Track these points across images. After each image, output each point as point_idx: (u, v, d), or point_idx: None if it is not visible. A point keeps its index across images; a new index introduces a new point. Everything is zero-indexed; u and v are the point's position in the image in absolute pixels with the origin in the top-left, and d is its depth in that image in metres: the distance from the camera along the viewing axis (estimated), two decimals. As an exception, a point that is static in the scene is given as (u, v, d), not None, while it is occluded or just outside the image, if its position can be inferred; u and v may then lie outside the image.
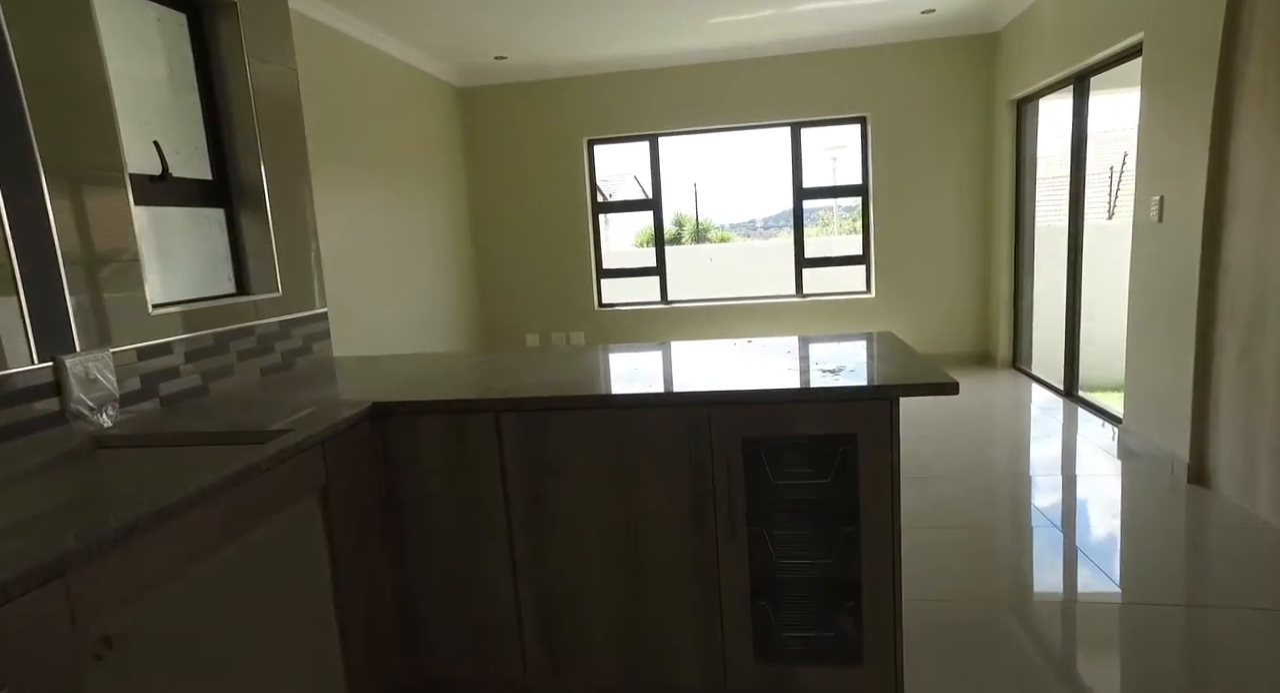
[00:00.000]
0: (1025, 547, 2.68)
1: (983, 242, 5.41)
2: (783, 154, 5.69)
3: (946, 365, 5.55)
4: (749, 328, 5.81)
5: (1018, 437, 4.02)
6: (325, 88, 3.95)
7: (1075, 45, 3.90)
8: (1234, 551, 2.51)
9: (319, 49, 3.92)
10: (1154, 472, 3.18)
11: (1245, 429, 2.73)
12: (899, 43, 5.23)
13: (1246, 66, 2.66)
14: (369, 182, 4.45)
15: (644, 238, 18.27)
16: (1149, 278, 3.27)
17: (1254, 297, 2.66)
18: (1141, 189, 3.29)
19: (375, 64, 4.56)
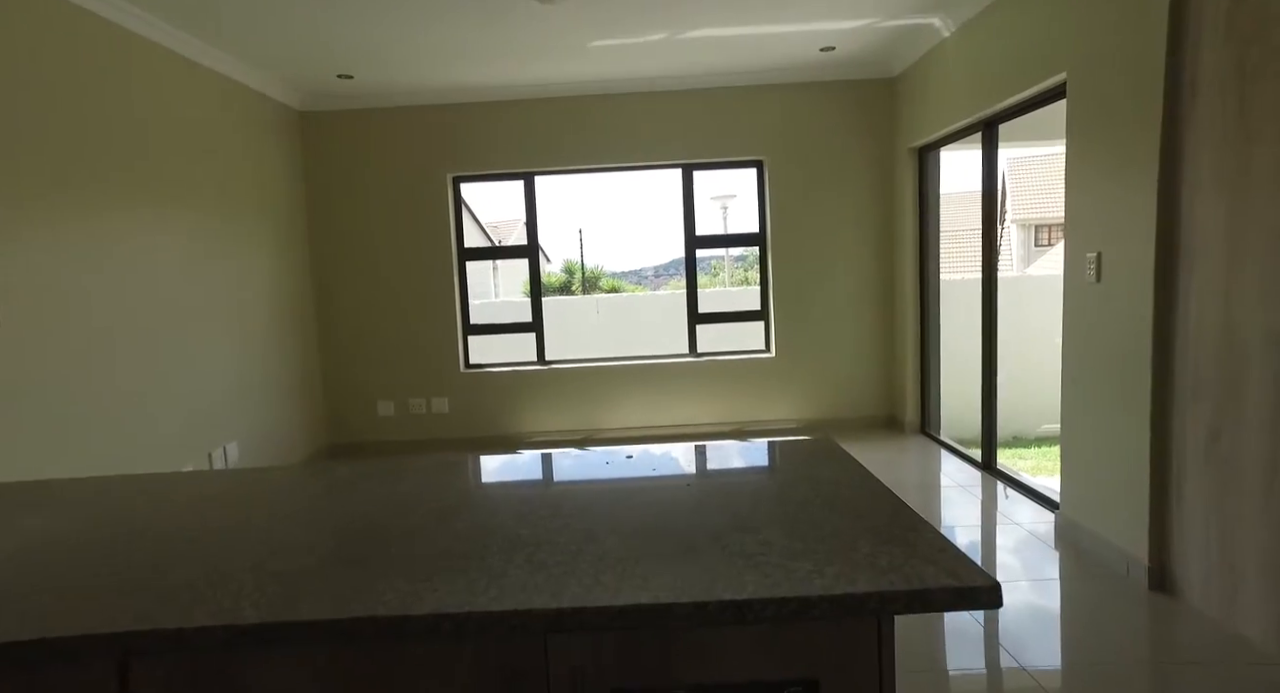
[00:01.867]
0: (940, 671, 2.09)
1: (887, 297, 5.04)
2: (674, 198, 5.16)
3: (852, 432, 5.14)
4: (636, 393, 5.14)
5: (928, 514, 3.50)
6: (85, 92, 3.01)
7: (985, 89, 3.59)
8: (1219, 687, 2.01)
9: (89, 49, 3.00)
10: (1105, 574, 2.70)
11: (1221, 528, 2.28)
12: (798, 82, 4.86)
13: (1195, 104, 2.30)
14: (160, 216, 3.47)
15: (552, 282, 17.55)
16: (1088, 345, 2.85)
17: (1223, 368, 2.24)
18: (1073, 245, 2.90)
19: (178, 75, 3.64)
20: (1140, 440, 2.55)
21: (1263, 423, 2.11)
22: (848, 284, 5.04)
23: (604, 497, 1.23)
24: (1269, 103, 2.05)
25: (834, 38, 4.15)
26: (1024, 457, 5.56)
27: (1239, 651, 2.15)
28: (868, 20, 3.89)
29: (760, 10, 3.66)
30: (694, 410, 5.16)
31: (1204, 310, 2.30)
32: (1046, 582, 2.73)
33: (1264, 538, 2.14)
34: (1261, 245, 2.08)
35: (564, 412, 5.18)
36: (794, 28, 3.95)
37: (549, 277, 18.97)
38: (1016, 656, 2.24)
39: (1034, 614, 2.52)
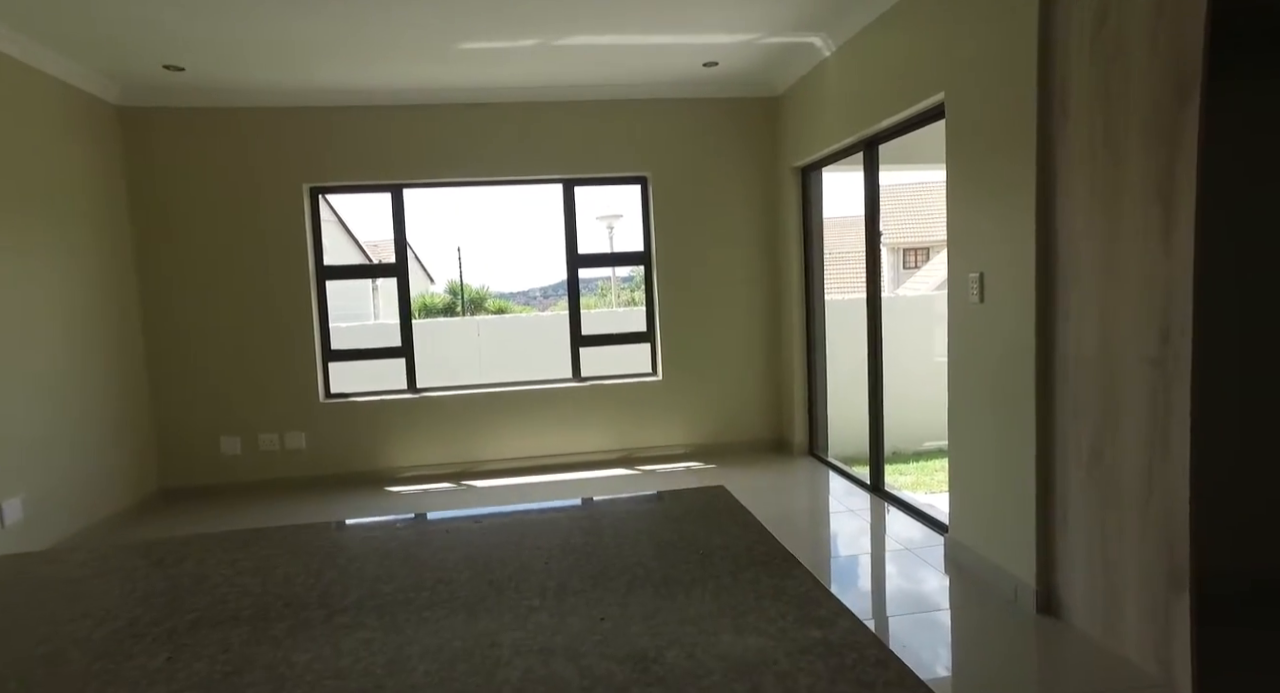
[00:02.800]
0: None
1: (774, 317, 4.99)
2: (557, 214, 4.91)
3: (741, 456, 5.01)
4: (517, 422, 4.81)
5: (819, 546, 3.39)
6: None
7: (865, 109, 3.59)
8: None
9: None
10: (993, 597, 2.65)
11: (1103, 549, 2.26)
12: (683, 98, 4.76)
13: (1066, 126, 2.31)
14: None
15: (416, 306, 16.71)
16: (972, 366, 2.83)
17: (1102, 388, 2.22)
18: (955, 265, 2.88)
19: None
20: (1025, 462, 2.52)
21: (1140, 444, 2.10)
22: (734, 304, 4.95)
23: (414, 607, 0.94)
24: (1133, 123, 2.06)
25: (717, 53, 4.07)
26: (904, 472, 5.67)
27: (1121, 674, 2.12)
28: (749, 36, 3.82)
29: (638, 19, 3.50)
30: (579, 438, 4.88)
31: (1082, 330, 2.29)
32: (936, 608, 2.65)
33: (1141, 559, 2.12)
34: (1134, 266, 2.08)
35: (438, 444, 4.76)
36: (674, 39, 3.83)
37: (432, 297, 18.15)
38: None
39: (924, 642, 2.43)
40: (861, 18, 3.49)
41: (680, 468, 4.68)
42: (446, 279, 18.25)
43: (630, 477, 4.55)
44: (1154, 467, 2.05)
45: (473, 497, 4.31)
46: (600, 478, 4.56)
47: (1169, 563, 2.03)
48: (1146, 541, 2.09)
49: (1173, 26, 1.92)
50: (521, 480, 4.58)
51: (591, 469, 4.74)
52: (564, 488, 4.38)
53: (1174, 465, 1.99)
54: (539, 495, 4.22)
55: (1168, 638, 2.04)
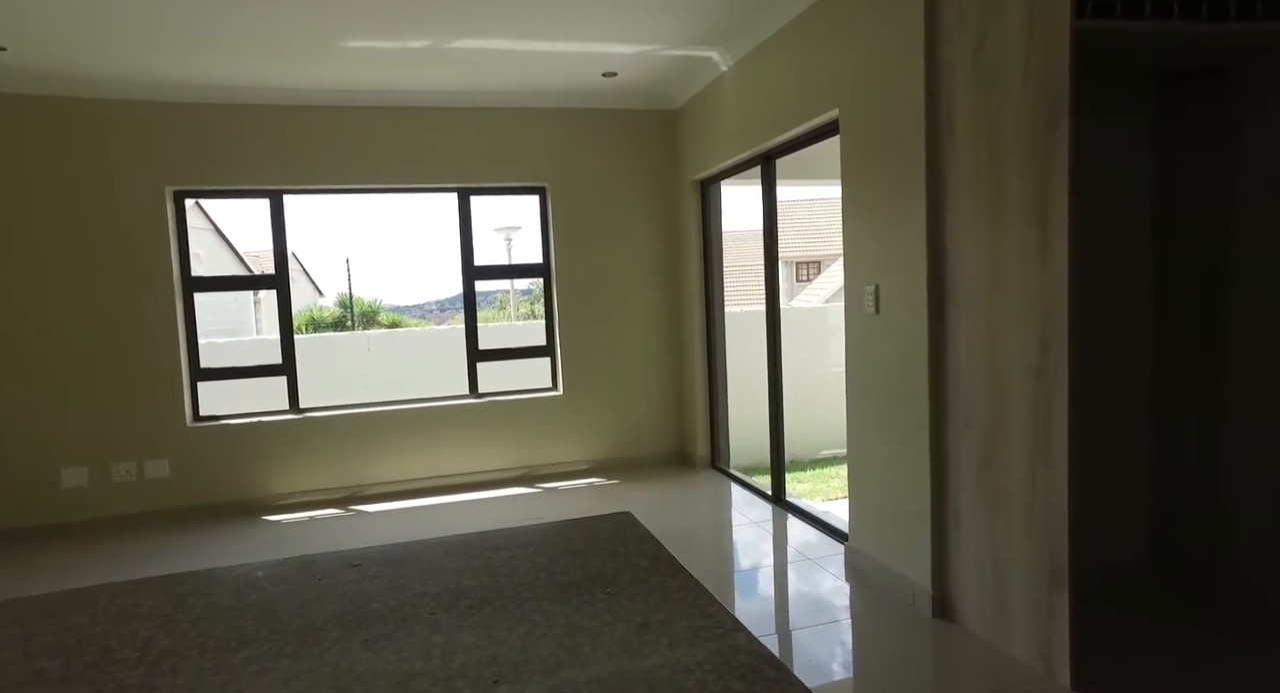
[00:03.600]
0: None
1: (675, 330, 4.99)
2: (454, 225, 4.71)
3: (644, 471, 4.94)
4: (411, 441, 4.56)
5: (723, 560, 3.38)
6: None
7: (762, 123, 3.64)
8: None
9: None
10: (892, 604, 2.71)
11: (992, 553, 2.34)
12: (582, 108, 4.69)
13: (953, 147, 2.40)
14: None
15: (303, 320, 15.77)
16: (869, 377, 2.89)
17: (990, 400, 2.31)
18: (852, 278, 2.95)
19: None
20: (920, 470, 2.59)
21: (1024, 450, 2.19)
22: (635, 317, 4.91)
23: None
24: (1011, 146, 2.16)
25: (616, 63, 4.03)
26: (802, 480, 5.80)
27: (1008, 672, 2.19)
28: (648, 48, 3.81)
29: (533, 26, 3.41)
30: (477, 457, 4.68)
31: (971, 342, 2.38)
32: (838, 617, 2.68)
33: (1025, 561, 2.21)
34: (1015, 281, 2.18)
35: (323, 467, 4.43)
36: (572, 47, 3.76)
37: (321, 311, 17.20)
38: None
39: (826, 651, 2.44)
40: (757, 34, 3.55)
41: (583, 485, 4.57)
42: (336, 292, 17.36)
43: (531, 496, 4.40)
44: (1036, 472, 2.15)
45: (361, 523, 4.03)
46: (500, 498, 4.38)
47: (1050, 563, 2.12)
48: (1030, 543, 2.19)
49: (1041, 59, 2.03)
50: (416, 503, 4.33)
51: (491, 489, 4.55)
52: (461, 510, 4.18)
53: (1054, 470, 2.08)
54: (434, 519, 3.99)
55: (1049, 634, 2.13)
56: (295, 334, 4.59)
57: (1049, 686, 2.10)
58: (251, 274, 11.72)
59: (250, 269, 14.85)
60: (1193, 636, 2.36)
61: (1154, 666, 2.19)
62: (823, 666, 2.36)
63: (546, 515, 3.72)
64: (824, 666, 2.36)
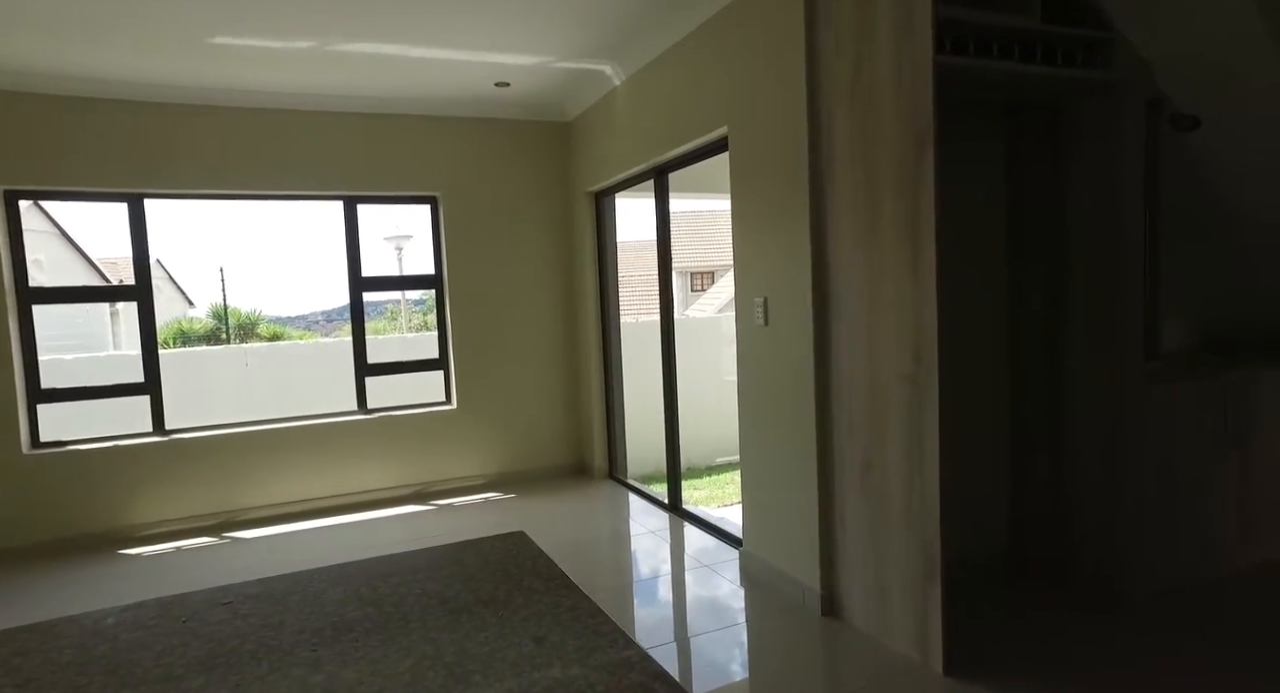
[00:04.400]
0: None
1: (571, 341, 4.97)
2: (341, 233, 4.50)
3: (542, 483, 4.87)
4: (294, 462, 4.30)
5: (621, 570, 3.39)
6: None
7: (654, 138, 3.71)
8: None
9: None
10: (785, 605, 2.80)
11: (875, 551, 2.48)
12: (475, 117, 4.60)
13: (834, 166, 2.54)
14: None
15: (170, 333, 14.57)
16: (760, 386, 2.99)
17: (871, 405, 2.45)
18: (742, 289, 3.04)
19: None
20: (808, 475, 2.71)
21: (901, 453, 2.33)
22: (531, 328, 4.87)
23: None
24: (885, 167, 2.30)
25: (508, 73, 3.99)
26: (699, 487, 5.92)
27: (889, 664, 2.32)
28: (540, 59, 3.80)
29: (423, 32, 3.33)
30: (368, 475, 4.48)
31: (853, 352, 2.51)
32: (734, 621, 2.74)
33: (904, 560, 2.35)
34: (891, 294, 2.32)
35: (194, 493, 4.10)
36: (464, 56, 3.69)
37: (191, 323, 15.99)
38: None
39: (723, 655, 2.50)
40: (649, 50, 3.62)
41: (479, 500, 4.46)
42: (209, 302, 16.18)
43: (425, 513, 4.25)
44: (912, 473, 2.29)
45: (237, 552, 3.75)
46: (392, 517, 4.20)
47: (924, 558, 2.26)
48: (907, 540, 2.32)
49: (908, 89, 2.18)
50: (301, 526, 4.08)
51: (382, 508, 4.36)
52: (350, 531, 3.97)
53: (926, 470, 2.23)
54: (321, 543, 3.77)
55: (924, 624, 2.28)
56: (161, 349, 4.24)
57: (924, 674, 2.24)
58: (107, 284, 10.70)
59: (107, 278, 13.60)
60: (1046, 616, 2.58)
61: (1015, 646, 2.38)
62: (719, 670, 2.41)
63: (440, 533, 3.60)
64: (720, 670, 2.41)
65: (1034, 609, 2.65)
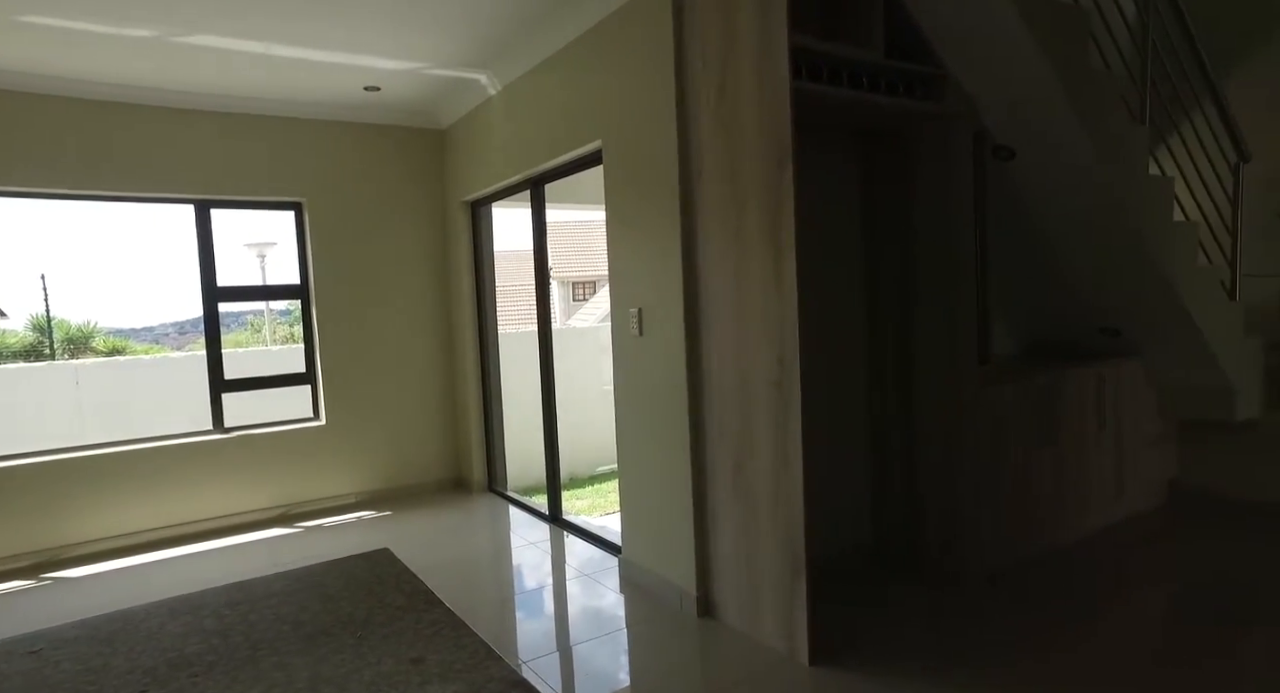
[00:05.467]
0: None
1: (447, 352, 4.85)
2: (191, 240, 4.17)
3: (420, 498, 4.73)
4: (137, 488, 3.93)
5: (502, 584, 3.35)
6: None
7: (530, 149, 3.71)
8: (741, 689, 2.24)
9: None
10: (663, 609, 2.86)
11: (746, 551, 2.58)
12: (344, 121, 4.41)
13: (701, 178, 2.64)
14: None
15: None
16: (636, 394, 3.05)
17: (741, 410, 2.56)
18: (618, 300, 3.10)
19: None
20: (682, 479, 2.78)
21: (768, 455, 2.45)
22: (405, 340, 4.71)
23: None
24: (750, 183, 2.43)
25: (378, 77, 3.86)
26: (581, 497, 5.93)
27: (760, 658, 2.43)
28: (412, 65, 3.71)
29: (279, 29, 3.17)
30: (224, 499, 4.16)
31: (723, 359, 2.61)
32: (615, 628, 2.77)
33: (771, 555, 2.47)
34: (757, 303, 2.45)
35: (7, 530, 3.65)
36: (327, 57, 3.54)
37: (4, 336, 14.23)
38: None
39: (605, 662, 2.52)
40: (524, 61, 3.62)
41: (351, 519, 4.25)
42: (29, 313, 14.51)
43: (290, 536, 4.00)
44: (779, 474, 2.41)
45: (59, 594, 3.34)
46: (251, 543, 3.92)
47: (790, 554, 2.38)
48: (775, 538, 2.44)
49: (769, 110, 2.32)
50: (141, 560, 3.72)
51: (241, 533, 4.06)
52: (200, 562, 3.66)
53: (791, 470, 2.36)
54: (163, 577, 3.45)
55: (791, 618, 2.40)
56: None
57: (791, 666, 2.36)
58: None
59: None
60: (900, 602, 2.79)
61: (873, 633, 2.55)
62: (600, 677, 2.43)
63: (304, 557, 3.40)
64: (601, 677, 2.43)
65: (891, 597, 2.85)
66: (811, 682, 2.27)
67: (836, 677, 2.28)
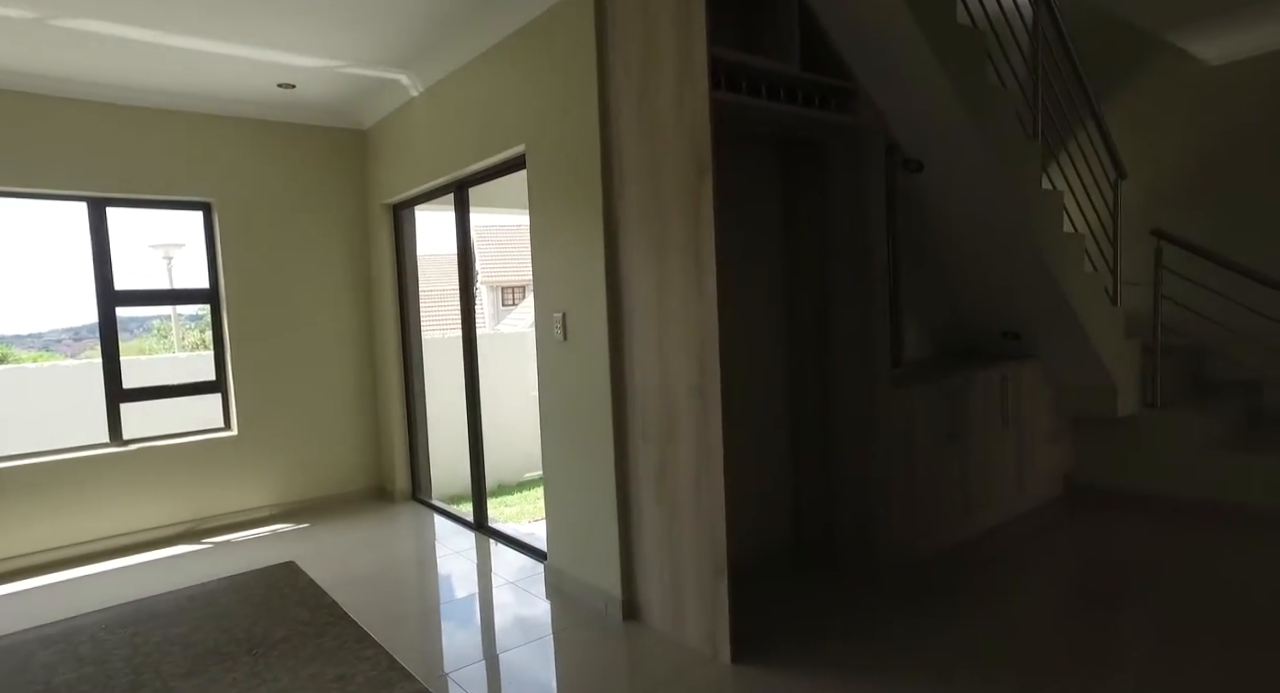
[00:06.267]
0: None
1: (369, 358, 4.72)
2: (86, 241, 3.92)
3: (339, 508, 4.59)
4: (21, 509, 3.65)
5: (426, 594, 3.29)
6: None
7: (454, 152, 3.66)
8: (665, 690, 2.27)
9: None
10: (588, 614, 2.87)
11: (670, 553, 2.62)
12: (256, 119, 4.24)
13: (625, 187, 2.67)
14: None
15: None
16: (560, 399, 3.05)
17: (663, 415, 2.59)
18: (542, 305, 3.09)
19: None
20: (607, 485, 2.80)
21: (691, 461, 2.49)
22: (324, 346, 4.56)
23: None
24: (671, 190, 2.47)
25: (292, 74, 3.74)
26: (509, 504, 5.85)
27: (685, 659, 2.46)
28: (328, 62, 3.60)
29: (180, 16, 3.02)
30: (122, 516, 3.92)
31: (647, 364, 2.65)
32: (541, 635, 2.76)
33: (694, 556, 2.51)
34: (679, 309, 2.49)
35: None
36: (234, 50, 3.40)
37: None
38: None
39: (532, 669, 2.50)
40: (446, 63, 3.57)
41: (264, 534, 4.08)
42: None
43: (194, 554, 3.79)
44: (700, 477, 2.45)
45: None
46: (150, 562, 3.70)
47: (712, 555, 2.43)
48: (697, 539, 2.49)
49: (689, 119, 2.37)
50: (24, 586, 3.46)
51: (140, 552, 3.83)
52: (86, 585, 3.41)
53: (713, 474, 2.40)
54: (36, 605, 3.17)
55: (713, 618, 2.45)
56: None
57: (714, 666, 2.41)
58: None
59: None
60: (820, 597, 2.88)
61: (793, 628, 2.63)
62: (526, 684, 2.41)
63: (208, 574, 3.22)
64: (527, 684, 2.41)
65: (810, 592, 2.94)
66: (734, 680, 2.32)
67: (757, 673, 2.34)
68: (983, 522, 3.53)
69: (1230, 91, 4.15)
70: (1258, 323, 3.76)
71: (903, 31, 2.71)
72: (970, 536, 3.45)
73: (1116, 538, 3.42)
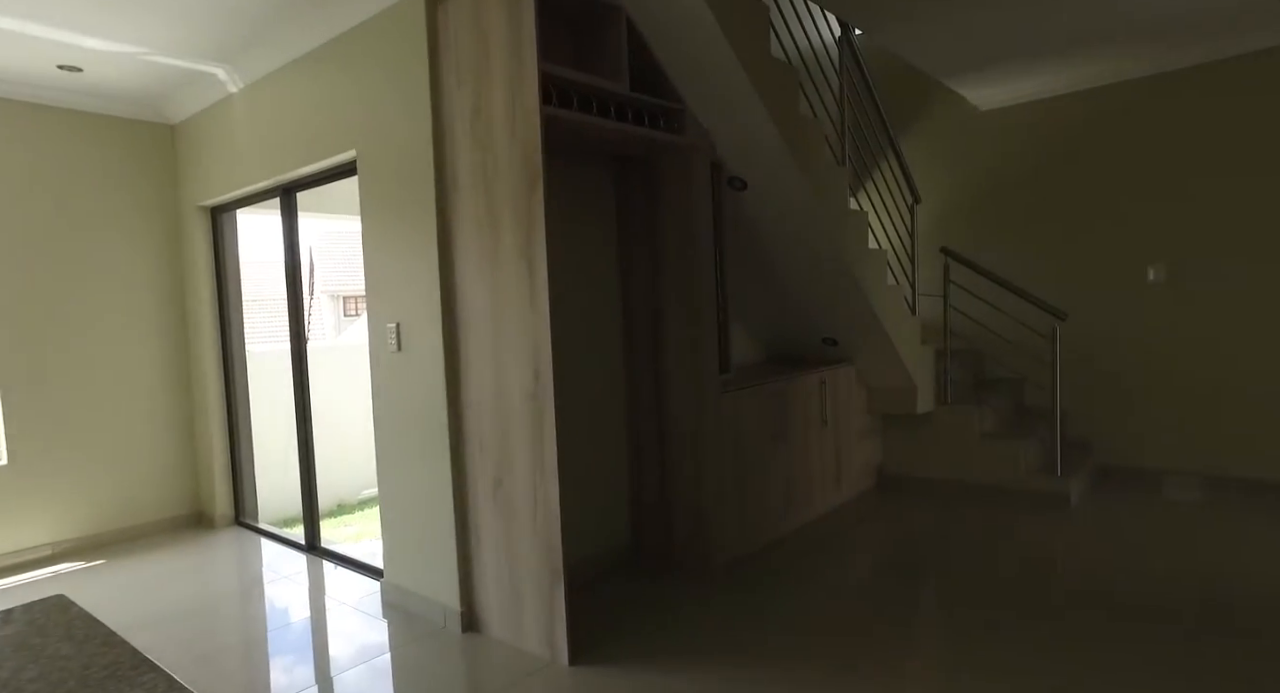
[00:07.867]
0: None
1: (184, 373, 4.32)
2: None
3: (148, 539, 4.17)
4: None
5: (252, 623, 3.07)
6: None
7: (280, 154, 3.46)
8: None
9: None
10: (427, 629, 2.81)
11: (508, 562, 2.63)
12: (30, 102, 3.76)
13: (459, 198, 2.67)
14: None
15: None
16: (395, 412, 2.96)
17: (499, 424, 2.61)
18: (375, 315, 3.00)
19: None
20: (444, 497, 2.76)
21: (527, 466, 2.52)
22: (127, 361, 4.11)
23: None
24: (504, 201, 2.50)
25: (78, 57, 3.36)
26: (349, 523, 5.56)
27: (524, 665, 2.49)
28: (125, 47, 3.29)
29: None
30: None
31: (482, 373, 2.65)
32: (378, 654, 2.66)
33: (531, 564, 2.54)
34: (514, 318, 2.51)
35: None
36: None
37: None
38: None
39: (367, 687, 2.42)
40: (270, 60, 3.38)
41: (44, 576, 3.61)
42: None
43: (-38, 602, 3.29)
44: (537, 484, 2.49)
45: None
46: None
47: (549, 561, 2.47)
48: (535, 547, 2.52)
49: (521, 132, 2.41)
50: None
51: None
52: None
53: (548, 480, 2.45)
54: None
55: (551, 623, 2.49)
56: None
57: (552, 669, 2.44)
58: None
59: None
60: (656, 597, 3.00)
61: (630, 628, 2.72)
62: None
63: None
64: None
65: (646, 592, 3.06)
66: (571, 681, 2.37)
67: (595, 674, 2.40)
68: (807, 515, 3.84)
69: (995, 134, 4.83)
70: (1021, 331, 4.39)
71: (722, 60, 2.91)
72: (795, 528, 3.74)
73: (916, 520, 3.84)
